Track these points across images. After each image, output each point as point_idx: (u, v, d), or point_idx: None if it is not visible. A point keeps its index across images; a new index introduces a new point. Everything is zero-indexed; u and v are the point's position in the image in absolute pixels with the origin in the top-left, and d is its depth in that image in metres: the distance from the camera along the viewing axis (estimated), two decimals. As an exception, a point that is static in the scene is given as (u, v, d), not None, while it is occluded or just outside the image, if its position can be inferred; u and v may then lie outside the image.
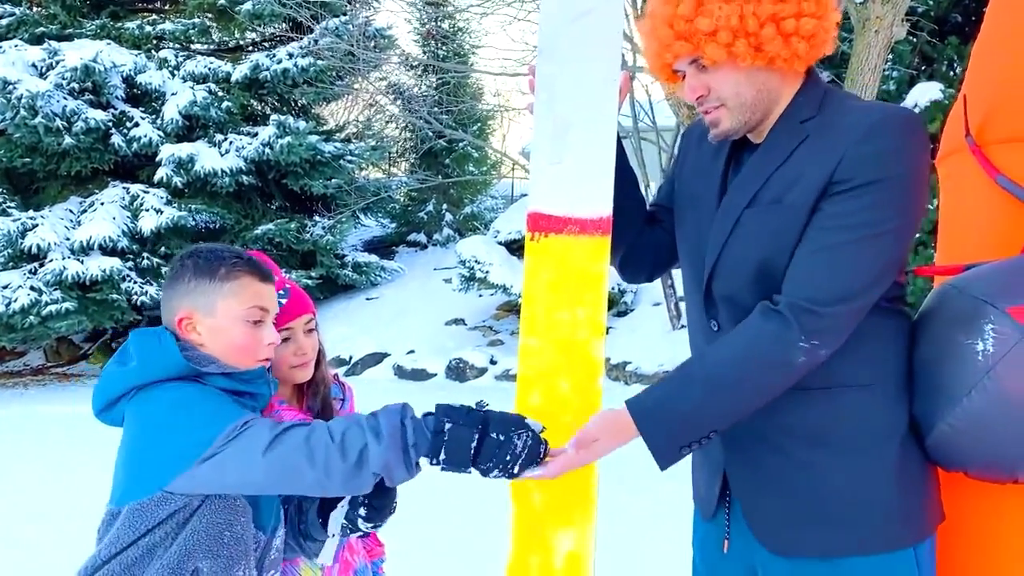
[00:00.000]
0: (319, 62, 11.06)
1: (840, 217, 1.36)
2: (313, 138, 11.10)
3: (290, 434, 1.38)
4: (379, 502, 1.61)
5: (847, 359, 1.41)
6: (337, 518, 1.63)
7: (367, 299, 11.83)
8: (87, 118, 9.97)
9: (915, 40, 6.89)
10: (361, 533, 1.65)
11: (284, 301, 1.78)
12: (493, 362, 9.19)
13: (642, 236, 1.74)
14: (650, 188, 9.37)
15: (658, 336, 8.91)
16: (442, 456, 1.39)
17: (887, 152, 1.36)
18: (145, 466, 1.41)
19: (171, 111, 10.56)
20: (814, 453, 1.46)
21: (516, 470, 1.42)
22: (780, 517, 1.50)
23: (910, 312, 1.55)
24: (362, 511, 1.61)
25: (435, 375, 9.55)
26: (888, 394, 1.47)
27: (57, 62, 10.00)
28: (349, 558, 1.92)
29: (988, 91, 1.74)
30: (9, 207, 10.09)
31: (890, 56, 6.04)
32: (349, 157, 11.80)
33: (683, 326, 8.59)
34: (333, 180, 11.35)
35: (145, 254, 10.25)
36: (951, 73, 6.95)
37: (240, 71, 11.13)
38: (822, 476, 1.47)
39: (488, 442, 1.40)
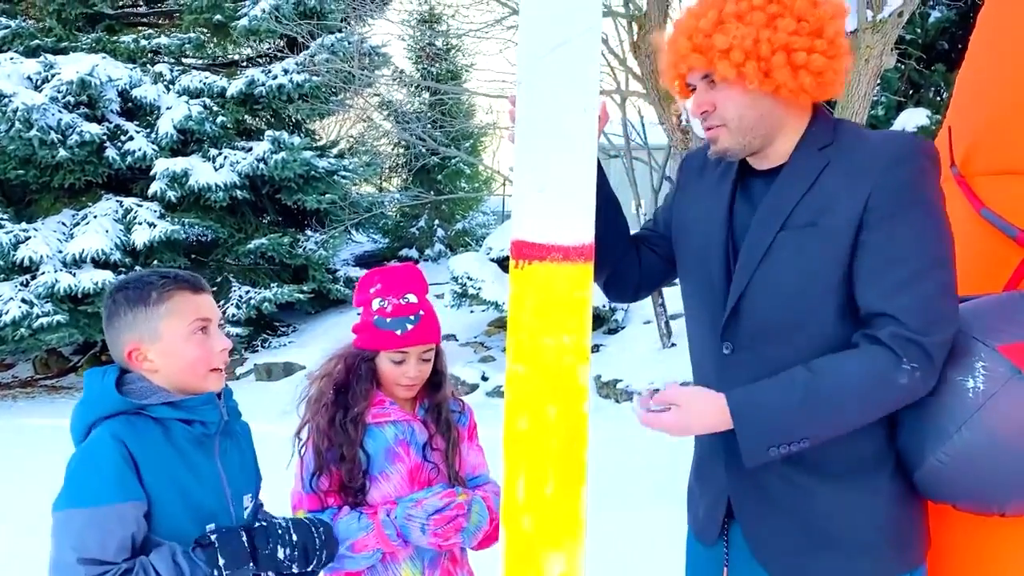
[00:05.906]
0: (314, 78, 11.10)
1: (897, 247, 1.40)
2: (307, 153, 11.12)
3: None
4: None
5: None
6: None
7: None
8: (82, 131, 9.98)
9: (903, 67, 6.98)
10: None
11: (411, 327, 1.85)
12: (484, 378, 9.17)
13: (627, 258, 1.77)
14: (641, 206, 9.42)
15: (649, 354, 8.91)
16: (221, 562, 1.46)
17: (915, 179, 1.41)
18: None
19: (166, 125, 10.57)
20: (811, 480, 1.50)
21: (296, 537, 1.55)
22: (782, 542, 1.53)
23: None
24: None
25: (426, 391, 9.47)
26: (876, 426, 1.49)
27: (53, 75, 10.02)
28: (450, 567, 1.93)
29: (973, 123, 1.75)
30: (2, 219, 10.07)
31: (878, 83, 6.12)
32: (343, 173, 11.82)
33: (673, 344, 8.61)
34: (327, 195, 11.36)
35: (138, 267, 10.23)
36: (938, 99, 7.04)
37: (235, 86, 11.16)
38: (820, 503, 1.50)
39: (256, 532, 1.53)
